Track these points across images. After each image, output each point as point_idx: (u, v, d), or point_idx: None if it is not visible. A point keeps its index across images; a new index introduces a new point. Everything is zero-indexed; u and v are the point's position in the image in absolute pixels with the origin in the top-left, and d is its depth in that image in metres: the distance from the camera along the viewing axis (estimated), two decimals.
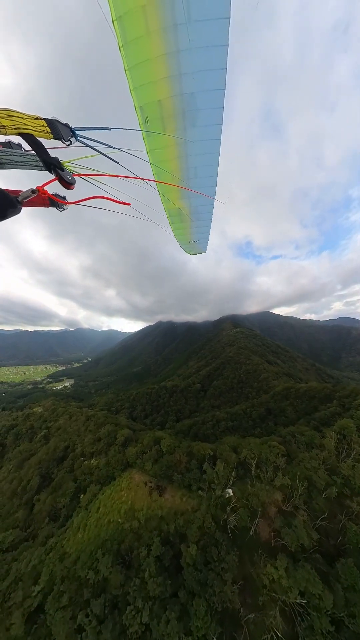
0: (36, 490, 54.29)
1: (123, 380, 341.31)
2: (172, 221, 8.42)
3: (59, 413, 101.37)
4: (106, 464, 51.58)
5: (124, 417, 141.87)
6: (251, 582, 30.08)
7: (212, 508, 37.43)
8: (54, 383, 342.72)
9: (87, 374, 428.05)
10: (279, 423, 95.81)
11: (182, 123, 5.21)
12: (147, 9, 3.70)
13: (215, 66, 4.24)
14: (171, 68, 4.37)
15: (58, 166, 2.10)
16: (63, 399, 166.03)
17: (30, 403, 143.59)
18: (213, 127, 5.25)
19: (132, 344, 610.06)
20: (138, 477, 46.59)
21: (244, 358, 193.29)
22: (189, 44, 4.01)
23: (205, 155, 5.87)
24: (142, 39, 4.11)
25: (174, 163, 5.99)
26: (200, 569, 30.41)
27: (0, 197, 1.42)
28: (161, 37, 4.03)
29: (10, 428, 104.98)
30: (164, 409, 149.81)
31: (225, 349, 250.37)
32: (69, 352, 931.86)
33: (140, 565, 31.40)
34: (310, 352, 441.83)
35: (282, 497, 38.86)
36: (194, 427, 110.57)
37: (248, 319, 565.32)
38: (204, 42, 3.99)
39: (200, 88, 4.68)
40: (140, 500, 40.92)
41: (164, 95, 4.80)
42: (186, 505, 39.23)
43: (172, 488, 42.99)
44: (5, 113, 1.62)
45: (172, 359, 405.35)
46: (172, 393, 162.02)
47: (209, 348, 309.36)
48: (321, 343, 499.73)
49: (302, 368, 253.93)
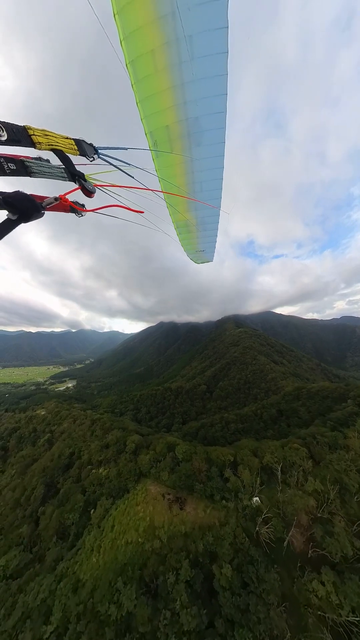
0: (41, 501, 50.59)
1: (126, 381, 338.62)
2: (180, 232, 8.72)
3: (63, 416, 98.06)
4: (117, 474, 47.46)
5: (129, 419, 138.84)
6: (293, 601, 26.42)
7: (241, 520, 33.64)
8: (56, 384, 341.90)
9: (89, 374, 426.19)
10: (292, 424, 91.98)
11: (188, 143, 5.71)
12: (155, 52, 4.35)
13: (216, 93, 4.73)
14: (177, 98, 4.94)
15: (82, 177, 2.43)
16: (66, 401, 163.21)
17: (33, 405, 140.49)
18: (216, 145, 5.71)
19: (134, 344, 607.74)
20: (154, 488, 42.39)
21: (250, 358, 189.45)
22: (192, 77, 4.56)
23: (210, 171, 6.25)
24: (151, 77, 4.72)
25: (181, 179, 6.42)
26: (238, 592, 26.57)
27: (28, 202, 1.63)
28: (168, 73, 4.61)
29: (13, 431, 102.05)
30: (170, 411, 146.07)
31: (229, 349, 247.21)
32: (71, 353, 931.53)
33: (169, 593, 27.21)
34: (314, 352, 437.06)
35: (315, 503, 35.31)
36: (202, 430, 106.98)
37: (250, 319, 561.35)
38: (206, 74, 4.51)
39: (203, 112, 5.16)
40: (160, 516, 36.52)
41: (171, 121, 5.36)
42: (211, 518, 35.18)
43: (192, 499, 38.94)
44: (42, 132, 1.97)
45: (174, 359, 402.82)
46: (177, 394, 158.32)
47: (212, 348, 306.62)
48: (325, 342, 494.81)
49: (308, 368, 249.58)
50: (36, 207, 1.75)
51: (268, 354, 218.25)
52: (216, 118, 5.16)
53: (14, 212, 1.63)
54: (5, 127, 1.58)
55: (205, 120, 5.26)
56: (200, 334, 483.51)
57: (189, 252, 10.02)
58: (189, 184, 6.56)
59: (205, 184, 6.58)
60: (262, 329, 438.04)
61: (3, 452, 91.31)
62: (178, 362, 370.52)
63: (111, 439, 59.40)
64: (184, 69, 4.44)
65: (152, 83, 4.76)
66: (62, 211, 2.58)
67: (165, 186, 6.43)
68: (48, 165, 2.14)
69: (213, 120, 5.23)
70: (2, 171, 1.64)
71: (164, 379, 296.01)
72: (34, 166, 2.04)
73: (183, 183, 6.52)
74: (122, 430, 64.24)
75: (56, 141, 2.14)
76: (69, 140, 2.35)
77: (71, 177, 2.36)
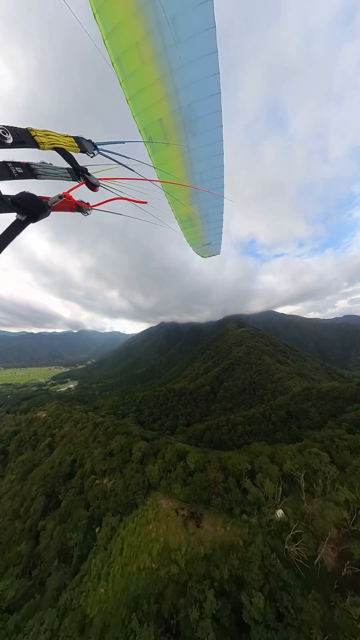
0: (41, 513, 47.00)
1: (127, 381, 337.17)
2: (184, 227, 8.40)
3: (64, 419, 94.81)
4: (124, 487, 43.34)
5: (131, 421, 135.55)
6: (334, 631, 22.78)
7: (267, 538, 29.97)
8: (58, 385, 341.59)
9: (90, 375, 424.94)
10: (303, 426, 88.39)
11: (184, 134, 5.31)
12: (139, 44, 4.01)
13: (208, 73, 4.29)
14: (167, 88, 4.55)
15: (85, 172, 2.48)
16: (67, 402, 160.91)
17: (34, 406, 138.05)
18: (214, 130, 5.25)
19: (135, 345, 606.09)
20: (166, 503, 38.51)
21: (254, 358, 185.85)
22: (181, 61, 4.14)
23: (209, 159, 5.90)
24: (138, 70, 4.38)
25: (180, 172, 6.11)
26: (274, 625, 22.82)
27: (35, 202, 1.71)
28: (155, 63, 4.22)
29: (13, 434, 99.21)
30: (173, 413, 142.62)
31: (232, 348, 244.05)
32: (72, 353, 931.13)
33: (194, 631, 23.06)
34: (317, 351, 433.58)
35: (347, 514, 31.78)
36: (207, 432, 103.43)
37: (252, 319, 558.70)
38: (195, 56, 4.08)
39: (196, 97, 4.73)
40: (175, 535, 32.45)
41: (164, 113, 4.98)
42: (233, 536, 31.28)
43: (209, 514, 35.05)
44: (44, 132, 2.03)
45: (176, 360, 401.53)
46: (180, 396, 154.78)
47: (214, 348, 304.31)
48: (328, 342, 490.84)
49: (312, 368, 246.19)
50: (43, 206, 1.78)
51: (272, 354, 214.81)
52: (211, 101, 4.72)
53: (22, 212, 1.67)
54: (9, 131, 1.62)
55: (200, 105, 4.86)
56: (201, 334, 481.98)
57: (195, 246, 9.55)
58: (189, 175, 6.19)
59: (205, 173, 6.19)
60: (264, 329, 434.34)
61: (3, 456, 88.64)
62: (180, 362, 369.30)
63: (115, 445, 55.65)
64: (170, 54, 4.10)
65: (140, 77, 4.48)
66: (69, 210, 2.59)
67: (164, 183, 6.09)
68: (52, 167, 2.14)
69: (208, 104, 4.80)
70: (11, 175, 1.66)
71: (166, 379, 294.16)
72: (39, 168, 2.05)
73: (183, 176, 6.20)
74: (126, 436, 60.40)
75: (57, 140, 2.15)
76: (69, 138, 2.34)
77: (75, 174, 2.37)
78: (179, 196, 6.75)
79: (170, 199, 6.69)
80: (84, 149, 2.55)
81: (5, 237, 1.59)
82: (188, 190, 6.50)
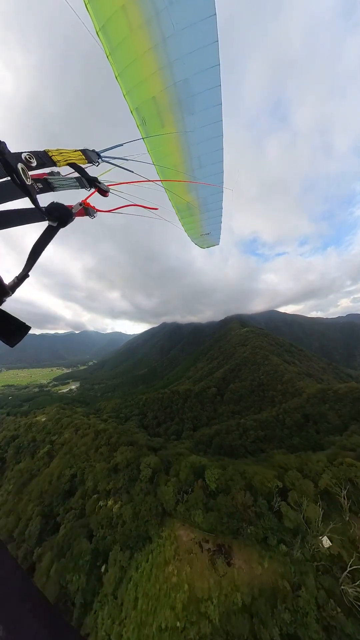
0: (37, 539, 40.82)
1: (129, 382, 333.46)
2: (182, 216, 7.92)
3: (64, 424, 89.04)
4: (133, 514, 36.32)
5: (134, 425, 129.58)
6: None
7: (319, 576, 23.77)
8: (59, 386, 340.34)
9: (92, 376, 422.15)
10: (322, 431, 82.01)
11: (180, 113, 4.80)
12: (126, 8, 3.52)
13: (205, 42, 3.73)
14: (160, 59, 4.04)
15: (96, 180, 2.74)
16: (68, 404, 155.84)
17: (34, 409, 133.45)
18: (213, 109, 4.64)
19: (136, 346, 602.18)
20: (186, 534, 31.90)
21: (261, 358, 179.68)
22: (174, 28, 3.65)
23: (208, 142, 5.25)
24: (127, 40, 3.89)
25: (176, 156, 5.54)
26: None
27: (64, 209, 1.96)
28: (145, 31, 3.72)
29: (12, 439, 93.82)
30: (178, 416, 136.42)
31: (237, 348, 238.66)
32: (74, 354, 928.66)
33: None
34: (321, 351, 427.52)
35: None
36: (216, 438, 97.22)
37: (254, 318, 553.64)
38: (190, 21, 3.59)
39: (193, 71, 4.15)
40: (202, 579, 25.66)
41: (157, 90, 4.46)
42: (274, 575, 25.00)
43: (239, 546, 28.81)
44: (57, 152, 2.23)
45: (178, 360, 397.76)
46: (185, 398, 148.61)
47: (218, 349, 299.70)
48: (333, 341, 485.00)
49: (319, 368, 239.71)
50: (70, 213, 1.99)
51: (279, 354, 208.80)
52: (209, 74, 4.03)
53: (54, 220, 1.91)
54: (34, 155, 1.90)
55: (197, 80, 4.17)
56: (203, 334, 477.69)
57: (193, 237, 8.87)
58: (186, 160, 5.48)
59: (204, 157, 5.44)
60: (266, 329, 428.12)
61: (0, 463, 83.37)
62: (182, 363, 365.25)
63: (120, 459, 49.41)
64: (162, 21, 3.52)
65: (129, 47, 3.86)
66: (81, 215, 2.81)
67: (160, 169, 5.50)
68: (64, 178, 2.36)
69: (205, 79, 4.11)
70: (34, 191, 1.86)
71: (169, 380, 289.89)
72: (55, 181, 2.29)
73: (179, 161, 5.47)
74: (132, 446, 53.75)
75: (69, 156, 2.35)
76: (78, 152, 2.54)
77: (88, 183, 2.60)
78: (177, 184, 6.11)
79: (167, 186, 6.10)
80: (90, 159, 2.70)
81: (42, 242, 1.80)
82: (185, 177, 5.80)
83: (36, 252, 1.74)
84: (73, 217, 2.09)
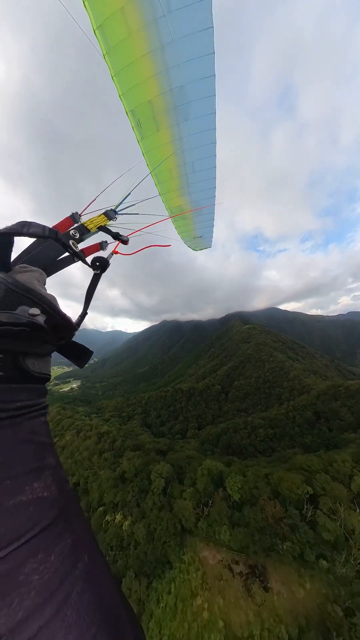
0: None
1: (130, 381, 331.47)
2: (175, 219, 7.82)
3: (65, 426, 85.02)
4: (147, 533, 30.78)
5: (138, 424, 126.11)
6: None
7: None
8: (61, 385, 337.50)
9: (93, 375, 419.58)
10: (334, 428, 78.50)
11: (175, 119, 4.90)
12: (125, 10, 3.59)
13: (202, 53, 3.90)
14: (157, 64, 4.16)
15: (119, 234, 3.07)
16: (69, 404, 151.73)
17: None
18: (207, 117, 4.83)
19: (137, 344, 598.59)
20: (212, 556, 26.90)
21: (266, 355, 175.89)
22: (172, 36, 3.78)
23: (201, 148, 5.41)
24: (125, 42, 3.96)
25: (170, 160, 5.63)
26: None
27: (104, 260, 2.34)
28: (143, 34, 3.82)
29: None
30: (183, 415, 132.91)
31: (240, 346, 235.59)
32: None
33: None
34: (322, 348, 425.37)
35: None
36: (224, 436, 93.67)
37: (255, 316, 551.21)
38: (187, 31, 3.74)
39: (189, 79, 4.29)
40: (238, 611, 21.02)
41: (153, 94, 4.56)
42: (317, 598, 21.01)
43: (273, 565, 24.58)
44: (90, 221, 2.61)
45: (179, 358, 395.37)
46: (189, 396, 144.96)
47: (220, 346, 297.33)
48: (334, 339, 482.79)
49: (322, 365, 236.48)
50: (107, 262, 2.37)
51: (282, 351, 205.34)
52: (204, 84, 4.21)
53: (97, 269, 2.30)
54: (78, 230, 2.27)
55: (192, 88, 4.31)
56: (204, 331, 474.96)
57: (186, 239, 8.80)
58: (180, 165, 5.66)
59: (197, 163, 5.62)
60: (267, 326, 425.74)
61: None
62: (184, 360, 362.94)
63: (127, 467, 44.81)
64: (161, 26, 3.62)
65: (127, 49, 3.95)
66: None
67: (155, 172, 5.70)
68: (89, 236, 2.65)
69: (201, 88, 4.26)
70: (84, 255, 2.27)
71: (170, 378, 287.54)
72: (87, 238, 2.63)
73: (173, 165, 5.66)
74: (138, 451, 48.96)
75: (98, 222, 2.66)
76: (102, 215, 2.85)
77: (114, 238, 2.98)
78: (170, 188, 6.29)
79: (161, 190, 6.28)
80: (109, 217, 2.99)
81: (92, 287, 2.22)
82: (179, 182, 6.01)
83: (89, 295, 2.17)
84: (109, 264, 2.47)
